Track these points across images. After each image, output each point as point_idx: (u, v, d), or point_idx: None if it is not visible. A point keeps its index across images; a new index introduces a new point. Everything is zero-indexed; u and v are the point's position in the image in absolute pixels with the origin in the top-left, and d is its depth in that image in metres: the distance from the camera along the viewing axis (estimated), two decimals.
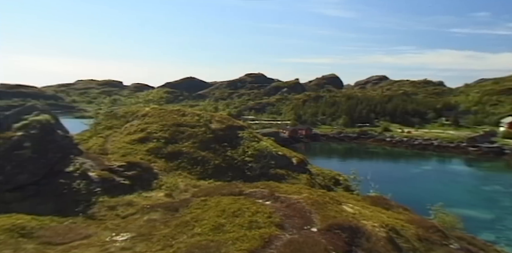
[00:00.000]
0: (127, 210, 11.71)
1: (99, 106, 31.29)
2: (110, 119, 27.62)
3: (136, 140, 22.30)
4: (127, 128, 25.08)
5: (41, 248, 7.72)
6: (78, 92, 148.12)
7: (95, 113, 29.97)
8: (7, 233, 8.15)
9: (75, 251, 7.51)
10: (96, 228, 9.61)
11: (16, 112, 16.91)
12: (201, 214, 9.88)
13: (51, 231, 8.89)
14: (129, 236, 8.76)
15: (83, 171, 14.78)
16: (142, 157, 19.83)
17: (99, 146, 22.13)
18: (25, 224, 8.92)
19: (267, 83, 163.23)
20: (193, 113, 27.28)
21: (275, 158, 23.04)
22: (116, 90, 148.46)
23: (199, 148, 22.18)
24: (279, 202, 11.27)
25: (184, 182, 16.74)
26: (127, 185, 15.22)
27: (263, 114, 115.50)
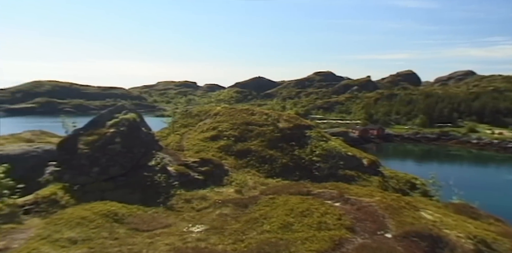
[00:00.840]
0: (201, 203, 12.48)
1: (176, 105, 33.87)
2: (185, 118, 29.64)
3: (208, 138, 23.56)
4: (200, 126, 26.64)
5: (130, 233, 8.68)
6: (159, 93, 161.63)
7: (173, 112, 32.33)
8: (103, 218, 9.36)
9: (158, 238, 8.28)
10: (174, 219, 10.46)
11: (109, 111, 19.07)
12: (269, 212, 10.08)
13: (138, 218, 9.95)
14: (204, 228, 9.35)
15: (163, 165, 16.09)
16: (214, 154, 20.87)
17: (176, 142, 23.90)
18: (117, 211, 10.12)
19: (336, 81, 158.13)
20: (261, 112, 27.80)
21: (344, 158, 22.29)
22: (191, 91, 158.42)
23: (267, 147, 22.53)
24: (349, 204, 10.90)
25: (252, 180, 17.20)
26: (200, 180, 16.19)
27: (332, 113, 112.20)
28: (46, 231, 8.03)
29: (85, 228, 8.46)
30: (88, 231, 8.31)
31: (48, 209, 11.00)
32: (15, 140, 18.86)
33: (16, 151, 15.25)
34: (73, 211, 9.88)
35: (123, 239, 8.02)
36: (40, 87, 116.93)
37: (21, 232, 8.20)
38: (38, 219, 10.00)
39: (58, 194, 12.10)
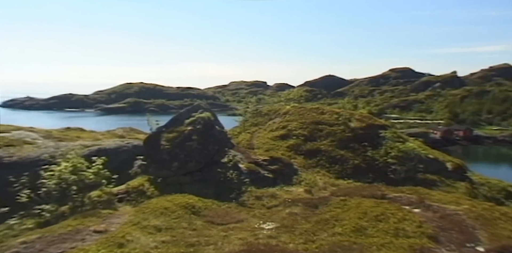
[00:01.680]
0: (271, 201, 12.69)
1: (247, 105, 34.76)
2: (256, 117, 30.29)
3: (278, 137, 23.73)
4: (270, 125, 26.98)
5: (206, 225, 9.26)
6: (231, 93, 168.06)
7: (244, 111, 33.27)
8: (183, 209, 10.15)
9: (231, 232, 8.68)
10: (246, 215, 10.84)
11: (187, 110, 20.41)
12: (341, 214, 9.78)
13: (213, 212, 10.55)
14: (274, 226, 9.50)
15: (234, 162, 16.70)
16: (283, 153, 20.95)
17: (247, 141, 24.59)
18: (194, 204, 10.88)
19: (415, 78, 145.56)
20: (331, 111, 27.06)
21: (424, 161, 20.50)
22: (261, 90, 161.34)
23: (338, 147, 21.86)
24: (431, 211, 10.00)
25: (322, 180, 16.88)
26: (270, 178, 16.43)
27: (409, 113, 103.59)
28: (136, 218, 9.01)
29: (167, 217, 9.28)
30: (170, 220, 9.09)
31: (137, 198, 12.32)
32: (110, 136, 21.45)
33: (111, 146, 17.25)
34: (157, 201, 10.90)
35: (200, 231, 8.59)
36: (130, 89, 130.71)
37: (116, 217, 9.34)
38: (129, 207, 11.28)
39: (145, 186, 13.45)
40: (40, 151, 15.17)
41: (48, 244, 6.80)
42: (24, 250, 6.47)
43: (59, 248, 6.65)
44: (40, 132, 18.46)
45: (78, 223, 8.36)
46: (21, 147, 15.26)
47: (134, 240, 7.13)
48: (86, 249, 6.46)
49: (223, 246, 7.55)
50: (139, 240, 7.14)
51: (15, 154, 14.54)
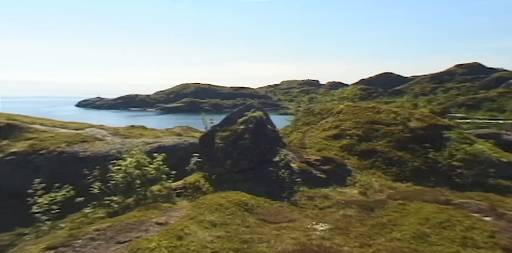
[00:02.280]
0: (324, 202, 12.46)
1: (299, 104, 34.54)
2: (307, 116, 29.93)
3: (330, 136, 23.21)
4: (322, 125, 26.48)
5: (259, 223, 9.41)
6: (282, 92, 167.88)
7: (295, 110, 33.08)
8: (236, 206, 10.42)
9: (284, 231, 8.72)
10: (298, 214, 10.79)
11: (240, 109, 20.85)
12: (399, 219, 9.27)
13: (265, 210, 10.68)
14: (327, 227, 9.33)
15: (286, 162, 16.69)
16: (336, 153, 20.43)
17: (298, 140, 24.41)
18: (247, 201, 11.10)
19: (485, 74, 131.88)
20: (388, 110, 25.71)
21: (495, 165, 18.54)
22: (313, 89, 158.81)
23: (395, 148, 20.73)
24: (505, 220, 9.02)
25: (378, 182, 16.14)
26: (322, 179, 16.14)
27: (478, 112, 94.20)
28: (193, 212, 9.47)
29: (222, 213, 9.61)
30: (224, 216, 9.40)
31: (193, 193, 12.94)
32: (169, 134, 22.76)
33: (170, 143, 18.29)
34: (212, 197, 11.33)
35: (253, 228, 8.76)
36: (187, 89, 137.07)
37: (175, 211, 9.91)
38: (187, 202, 11.89)
39: (201, 182, 14.05)
40: (109, 147, 16.61)
41: (117, 232, 7.45)
42: (97, 236, 7.18)
43: (127, 236, 7.26)
44: (108, 130, 20.20)
45: (141, 214, 9.03)
46: (93, 143, 16.85)
47: (192, 233, 7.51)
48: (149, 239, 6.96)
49: (276, 245, 7.61)
50: (196, 234, 7.51)
51: (88, 149, 16.10)
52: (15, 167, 14.71)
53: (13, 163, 14.83)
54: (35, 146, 15.60)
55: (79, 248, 6.59)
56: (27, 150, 15.34)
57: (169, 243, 6.67)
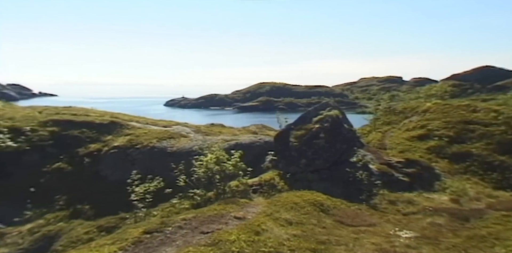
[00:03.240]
0: (408, 207, 11.56)
1: (378, 102, 32.57)
2: (388, 115, 28.08)
3: (415, 137, 21.44)
4: (405, 124, 24.57)
5: (336, 225, 9.18)
6: (360, 90, 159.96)
7: (375, 109, 31.31)
8: (311, 206, 10.33)
9: (363, 235, 8.34)
10: (378, 219, 10.21)
11: (315, 108, 20.55)
12: (502, 232, 8.08)
13: (342, 212, 10.36)
14: (413, 235, 8.64)
15: (364, 163, 15.92)
16: (422, 155, 18.80)
17: (378, 140, 23.07)
18: (323, 202, 10.92)
19: None
20: (487, 109, 22.63)
21: None
22: (395, 86, 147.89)
23: (496, 151, 18.18)
24: None
25: (474, 189, 14.33)
26: (406, 182, 14.99)
27: None
28: (269, 209, 9.68)
29: (297, 212, 9.62)
30: (300, 215, 9.40)
31: (268, 191, 13.21)
32: (245, 132, 23.57)
33: (246, 141, 18.92)
34: (287, 196, 11.42)
35: (330, 229, 8.58)
36: (262, 88, 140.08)
37: (252, 207, 10.26)
38: (262, 198, 12.20)
39: (276, 180, 14.25)
40: (192, 143, 17.92)
41: (201, 223, 8.04)
42: (184, 225, 7.85)
43: (209, 228, 7.78)
44: (192, 127, 21.79)
45: (221, 208, 9.56)
46: (179, 139, 18.37)
47: (268, 230, 7.70)
48: (229, 232, 7.34)
49: (355, 249, 7.31)
50: (273, 231, 7.67)
51: (175, 145, 17.60)
52: (117, 159, 16.88)
53: (115, 156, 17.03)
54: (132, 141, 17.65)
55: (170, 235, 7.29)
56: (126, 144, 17.44)
57: (247, 237, 6.94)
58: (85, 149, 17.47)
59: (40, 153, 16.96)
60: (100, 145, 17.74)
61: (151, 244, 6.81)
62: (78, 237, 11.60)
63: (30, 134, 17.59)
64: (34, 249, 11.45)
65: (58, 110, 21.36)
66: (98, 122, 19.43)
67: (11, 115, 19.08)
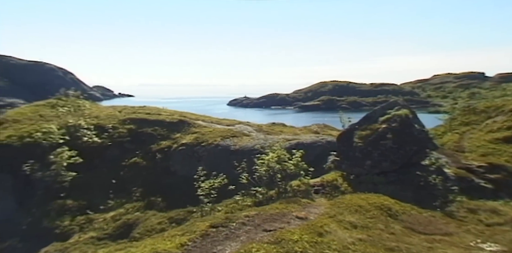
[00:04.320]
0: (491, 217, 10.32)
1: (455, 100, 29.75)
2: (467, 115, 25.48)
3: (500, 139, 19.14)
4: (488, 125, 22.03)
5: (406, 231, 8.58)
6: (433, 87, 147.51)
7: (451, 108, 28.72)
8: (378, 210, 9.80)
9: (438, 245, 7.67)
10: (456, 228, 9.28)
11: (382, 107, 19.45)
12: None
13: (412, 218, 9.65)
14: (499, 248, 7.67)
15: (438, 166, 14.67)
16: (508, 159, 16.70)
17: (454, 142, 21.05)
18: (390, 206, 10.28)
19: None
20: None
21: None
22: (476, 83, 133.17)
23: None
24: None
25: None
26: (488, 189, 13.44)
27: None
28: (331, 211, 9.44)
29: (362, 216, 9.21)
30: (365, 219, 8.98)
31: (331, 192, 12.88)
32: (306, 131, 23.32)
33: (307, 140, 18.72)
34: (351, 198, 11.00)
35: (399, 236, 8.05)
36: (324, 87, 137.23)
37: (314, 207, 10.10)
38: (324, 199, 11.94)
39: (338, 181, 13.85)
40: (254, 142, 18.29)
41: (263, 221, 8.16)
42: (247, 222, 8.05)
43: (271, 226, 7.86)
44: (253, 126, 22.23)
45: (283, 207, 9.58)
46: (241, 138, 18.88)
47: (332, 232, 7.50)
48: (291, 231, 7.33)
49: None
50: (336, 233, 7.45)
51: (237, 144, 18.13)
52: (185, 155, 17.98)
53: (183, 152, 18.15)
54: (199, 139, 18.63)
55: (234, 230, 7.54)
56: (193, 142, 18.47)
57: (310, 238, 6.85)
58: (157, 145, 18.92)
59: (120, 149, 18.82)
60: (170, 142, 19.06)
61: (217, 238, 7.12)
62: (152, 227, 12.65)
63: (112, 131, 19.62)
64: (116, 235, 12.78)
65: (135, 109, 23.46)
66: (168, 121, 20.89)
67: (96, 114, 21.50)
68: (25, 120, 19.75)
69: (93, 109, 23.01)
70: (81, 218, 14.02)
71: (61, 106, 21.54)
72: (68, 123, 18.80)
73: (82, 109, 21.83)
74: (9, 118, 19.86)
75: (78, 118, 19.50)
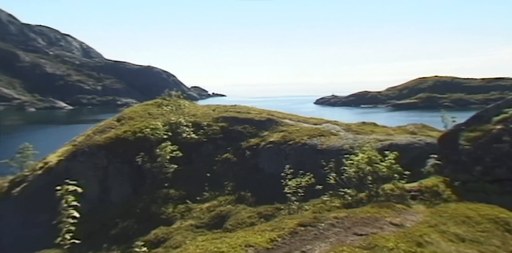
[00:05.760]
0: None
1: None
2: None
3: None
4: None
5: None
6: None
7: None
8: (491, 223, 8.49)
9: None
10: None
11: (497, 105, 16.81)
12: None
13: None
14: None
15: None
16: None
17: None
18: (508, 220, 8.80)
19: None
20: None
21: None
22: None
23: None
24: None
25: None
26: None
27: None
28: (432, 220, 8.54)
29: (471, 228, 8.10)
30: (475, 232, 7.88)
31: (431, 199, 11.66)
32: (401, 132, 21.54)
33: (403, 142, 17.30)
34: (456, 207, 9.79)
35: None
36: (423, 84, 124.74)
37: (410, 214, 9.29)
38: (423, 207, 10.87)
39: (440, 187, 12.46)
40: (342, 141, 17.70)
41: (353, 224, 7.86)
42: (336, 223, 7.86)
43: (362, 230, 7.51)
44: (342, 125, 21.51)
45: (375, 211, 9.05)
46: (329, 137, 18.48)
47: (434, 243, 6.79)
48: (386, 238, 6.88)
49: None
50: (439, 245, 6.72)
51: (325, 143, 17.80)
52: (272, 153, 18.44)
53: (271, 150, 18.63)
54: (286, 137, 18.89)
55: (322, 231, 7.45)
56: (280, 140, 18.81)
57: (407, 247, 6.33)
58: (246, 143, 19.83)
59: (213, 145, 20.30)
60: (258, 140, 19.76)
61: (305, 237, 7.13)
62: (242, 220, 13.36)
63: (206, 128, 21.28)
64: (211, 224, 13.90)
65: (226, 108, 24.98)
66: (257, 119, 21.68)
67: (194, 112, 23.58)
68: (137, 117, 22.85)
69: (191, 108, 25.30)
70: (182, 207, 15.61)
71: (165, 105, 24.28)
72: (170, 120, 21.08)
73: (182, 108, 24.22)
74: (125, 116, 23.25)
75: (179, 116, 21.69)
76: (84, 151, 19.68)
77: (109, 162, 19.06)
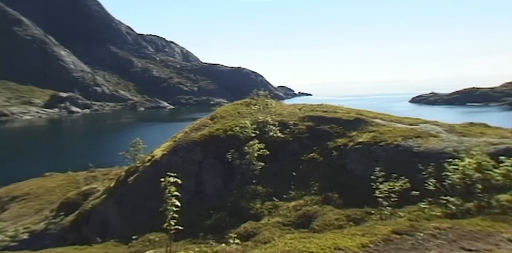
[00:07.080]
0: None
1: None
2: None
3: None
4: None
5: None
6: None
7: None
8: None
9: None
10: None
11: None
12: None
13: None
14: None
15: None
16: None
17: None
18: None
19: None
20: None
21: None
22: None
23: None
24: None
25: None
26: None
27: None
28: None
29: None
30: None
31: None
32: None
33: None
34: None
35: None
36: None
37: None
38: None
39: None
40: (443, 144, 15.79)
41: (459, 237, 6.93)
42: (438, 234, 7.04)
43: (472, 245, 6.57)
44: (443, 126, 19.19)
45: (487, 225, 7.83)
46: (427, 139, 16.69)
47: None
48: None
49: None
50: None
51: (422, 145, 16.13)
52: (360, 154, 17.51)
53: (359, 151, 17.71)
54: (376, 138, 17.72)
55: (421, 241, 6.75)
56: (370, 141, 17.73)
57: None
58: (333, 143, 19.24)
59: (299, 144, 20.25)
60: (346, 140, 18.98)
61: (401, 246, 6.55)
62: (330, 222, 13.01)
63: (293, 128, 21.35)
64: (298, 223, 13.91)
65: (313, 107, 24.64)
66: (344, 119, 20.85)
67: (280, 112, 23.91)
68: (228, 116, 24.23)
69: (277, 107, 25.72)
70: (269, 204, 15.99)
71: (253, 104, 25.20)
72: (258, 119, 21.79)
73: (269, 107, 24.80)
74: (218, 115, 24.87)
75: (266, 115, 22.27)
76: (182, 146, 21.73)
77: (203, 157, 20.68)
